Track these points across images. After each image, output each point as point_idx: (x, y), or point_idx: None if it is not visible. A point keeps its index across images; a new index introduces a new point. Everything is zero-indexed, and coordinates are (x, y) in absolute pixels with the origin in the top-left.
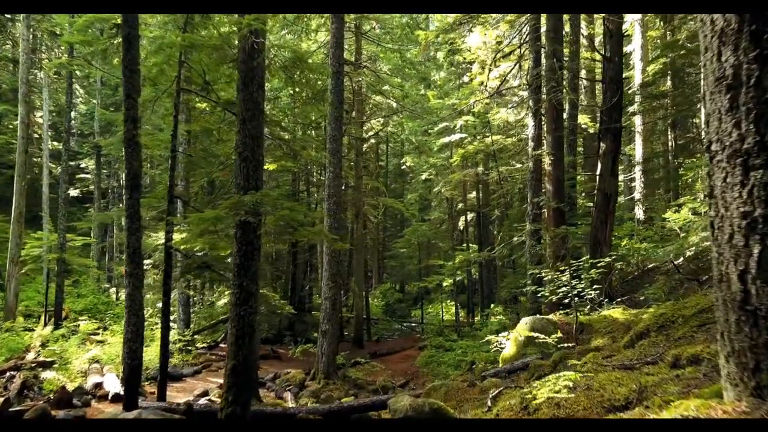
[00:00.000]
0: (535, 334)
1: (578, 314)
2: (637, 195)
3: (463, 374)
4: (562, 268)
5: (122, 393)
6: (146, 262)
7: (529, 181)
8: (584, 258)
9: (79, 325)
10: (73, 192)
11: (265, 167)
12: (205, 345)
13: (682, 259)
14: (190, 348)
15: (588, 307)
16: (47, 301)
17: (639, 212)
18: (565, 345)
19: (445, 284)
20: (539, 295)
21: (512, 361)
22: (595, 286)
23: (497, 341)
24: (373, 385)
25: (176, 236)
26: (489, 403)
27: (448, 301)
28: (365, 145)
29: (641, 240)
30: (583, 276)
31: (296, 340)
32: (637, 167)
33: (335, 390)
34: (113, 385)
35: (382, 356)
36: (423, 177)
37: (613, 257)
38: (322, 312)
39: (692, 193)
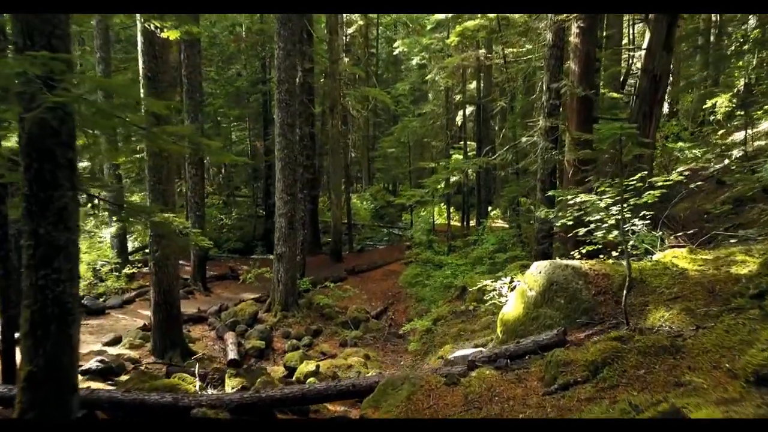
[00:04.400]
0: (554, 289)
1: (623, 263)
2: None
3: (452, 302)
4: (602, 188)
5: None
6: None
7: (546, 61)
8: (639, 174)
9: None
10: None
11: (164, 35)
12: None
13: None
14: (118, 274)
15: (630, 243)
16: None
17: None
18: (603, 313)
19: (439, 186)
20: (557, 223)
21: (517, 334)
22: (642, 213)
23: (494, 290)
24: (344, 314)
25: None
26: None
27: (441, 204)
28: (351, 29)
29: (665, 137)
30: (631, 200)
31: (269, 251)
32: None
33: (295, 325)
34: None
35: (362, 273)
36: (414, 62)
37: (684, 172)
38: (276, 232)
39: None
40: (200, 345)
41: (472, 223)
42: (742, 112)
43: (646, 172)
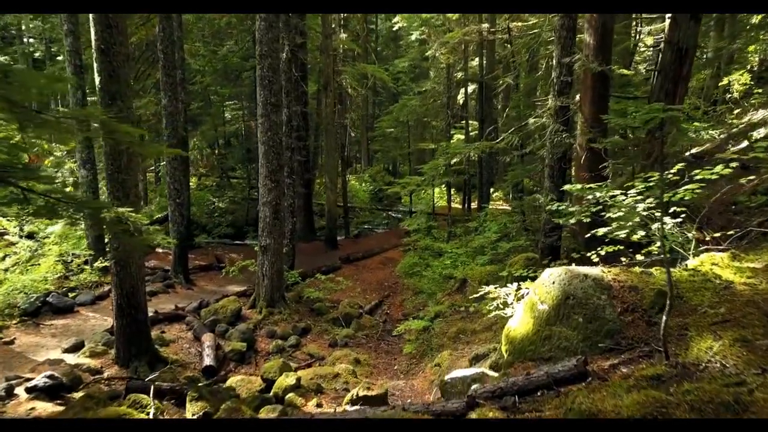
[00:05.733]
0: (570, 304)
1: (653, 272)
2: None
3: (451, 295)
4: (629, 183)
5: None
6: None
7: (556, 32)
8: (677, 165)
9: None
10: None
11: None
12: None
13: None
14: (91, 268)
15: (658, 245)
16: None
17: None
18: (632, 337)
19: (440, 169)
20: (571, 220)
21: (526, 356)
22: (673, 210)
23: (499, 297)
24: (335, 309)
25: None
26: None
27: (442, 185)
28: None
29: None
30: (665, 197)
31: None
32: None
33: (281, 322)
34: None
35: (357, 261)
36: (414, 37)
37: (731, 164)
38: (260, 222)
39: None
40: (175, 348)
41: (474, 205)
42: (760, 90)
43: (685, 163)
